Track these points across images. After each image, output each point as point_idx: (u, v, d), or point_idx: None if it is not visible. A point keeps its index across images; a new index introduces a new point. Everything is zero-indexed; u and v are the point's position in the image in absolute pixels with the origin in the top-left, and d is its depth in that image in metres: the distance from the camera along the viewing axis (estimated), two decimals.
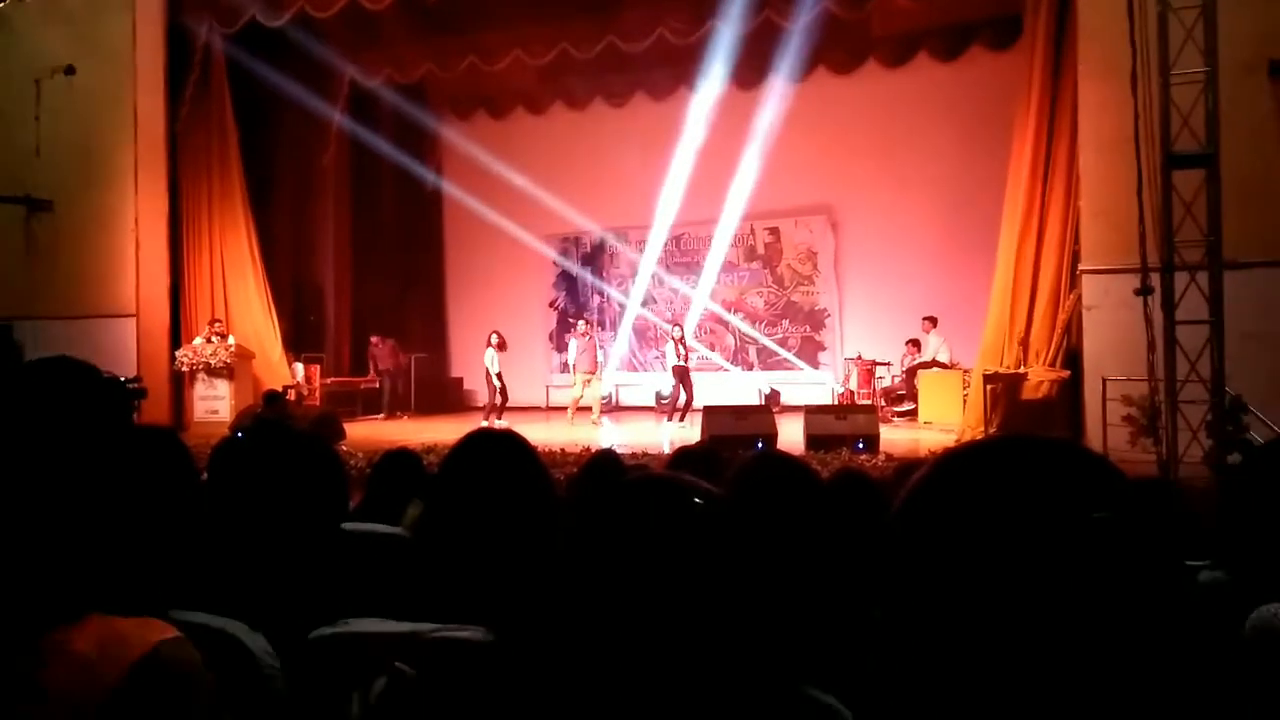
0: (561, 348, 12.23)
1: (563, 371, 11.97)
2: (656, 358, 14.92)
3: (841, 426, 8.37)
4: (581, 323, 12.38)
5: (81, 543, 1.05)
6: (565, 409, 11.89)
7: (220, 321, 11.34)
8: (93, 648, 0.94)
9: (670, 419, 11.62)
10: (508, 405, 12.01)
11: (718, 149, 13.99)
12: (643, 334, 15.15)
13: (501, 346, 12.06)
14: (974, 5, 11.81)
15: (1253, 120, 7.44)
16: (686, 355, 11.80)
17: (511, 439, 1.74)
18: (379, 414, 13.35)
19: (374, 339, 13.89)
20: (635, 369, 15.04)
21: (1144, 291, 7.35)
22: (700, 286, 14.83)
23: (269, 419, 8.56)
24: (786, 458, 2.19)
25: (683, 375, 11.63)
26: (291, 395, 11.70)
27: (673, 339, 11.82)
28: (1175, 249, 7.24)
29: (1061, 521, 0.71)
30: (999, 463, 0.77)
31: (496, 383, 11.86)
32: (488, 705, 0.82)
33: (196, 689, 0.99)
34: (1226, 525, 2.04)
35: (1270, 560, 1.79)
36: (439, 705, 0.88)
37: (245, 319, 12.03)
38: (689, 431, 10.29)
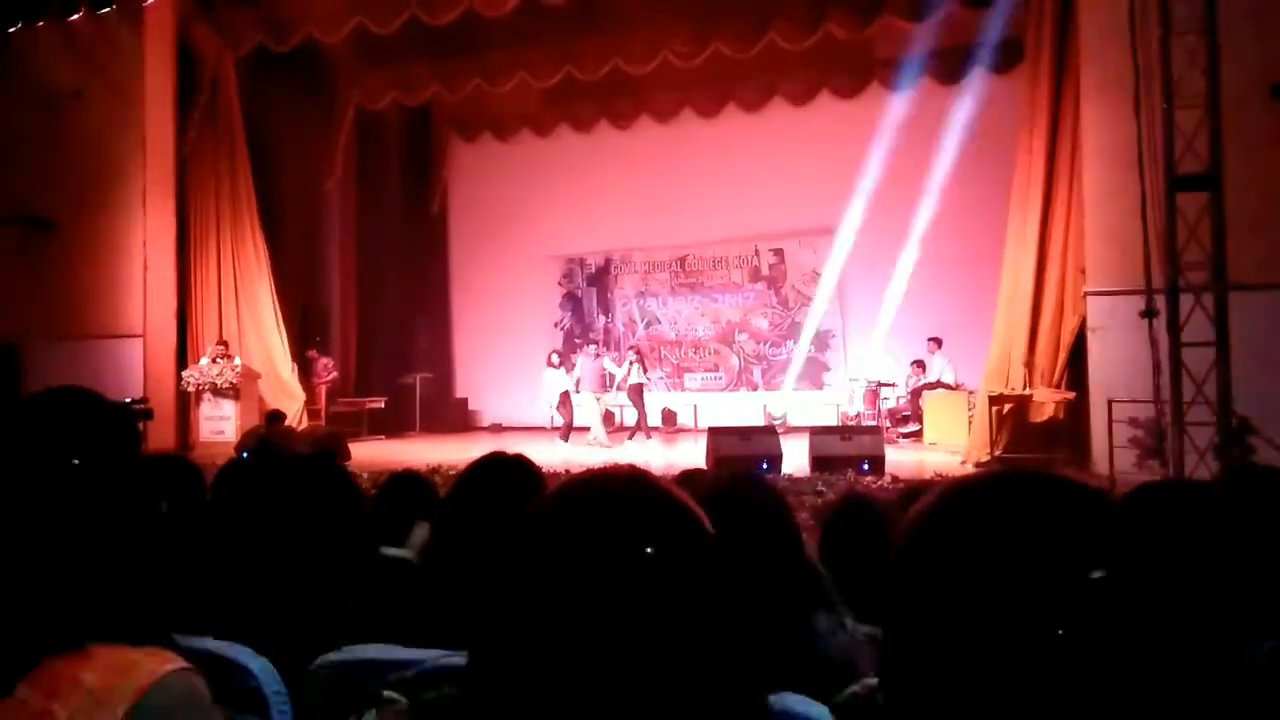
0: (569, 368, 12.26)
1: (575, 391, 11.99)
2: (661, 378, 14.96)
3: (847, 448, 8.34)
4: (592, 345, 12.44)
5: (89, 571, 1.05)
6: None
7: (225, 344, 11.36)
8: (100, 677, 0.94)
9: (632, 438, 11.77)
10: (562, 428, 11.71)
11: (722, 170, 14.07)
12: (647, 354, 15.15)
13: (562, 365, 11.99)
14: (976, 28, 11.88)
15: (1256, 142, 7.45)
16: (646, 373, 12.01)
17: (520, 463, 1.74)
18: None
19: (312, 352, 13.18)
20: (646, 389, 15.02)
21: (1149, 314, 7.36)
22: (704, 307, 14.91)
23: (273, 441, 8.57)
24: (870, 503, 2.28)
25: (637, 394, 11.80)
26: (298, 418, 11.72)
27: (629, 361, 11.97)
28: (1180, 271, 7.24)
29: (1066, 565, 0.71)
30: (1003, 501, 0.77)
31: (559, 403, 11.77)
32: None
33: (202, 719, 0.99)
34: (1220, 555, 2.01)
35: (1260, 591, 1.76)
36: None
37: (256, 339, 12.07)
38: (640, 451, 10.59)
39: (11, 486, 1.08)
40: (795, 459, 8.51)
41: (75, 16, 11.02)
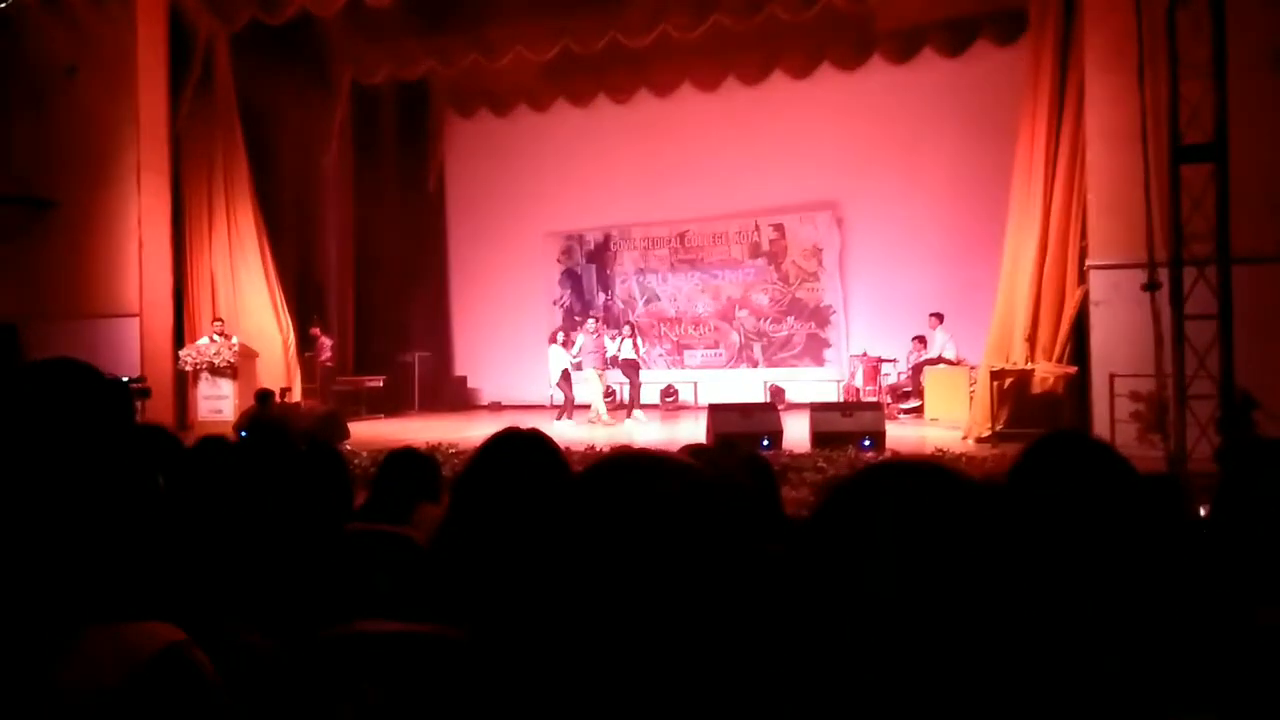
0: (569, 345, 12.27)
1: (575, 369, 12.01)
2: (661, 355, 14.95)
3: (847, 424, 8.34)
4: (591, 320, 12.42)
5: (86, 547, 1.04)
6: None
7: (222, 321, 11.32)
8: (100, 651, 0.94)
9: (631, 415, 11.88)
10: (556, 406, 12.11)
11: (722, 145, 13.98)
12: (647, 331, 15.13)
13: (565, 345, 12.15)
14: None
15: (1262, 113, 7.38)
16: (637, 350, 12.10)
17: (537, 439, 1.71)
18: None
19: (315, 330, 13.20)
20: (641, 366, 15.01)
21: (1152, 287, 7.34)
22: (705, 283, 14.89)
23: (271, 421, 8.55)
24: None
25: (631, 370, 11.86)
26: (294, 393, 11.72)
27: (622, 337, 12.04)
28: (1183, 244, 7.20)
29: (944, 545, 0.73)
30: (877, 492, 0.78)
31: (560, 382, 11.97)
32: (469, 706, 0.81)
33: (203, 692, 0.99)
34: (1222, 526, 1.99)
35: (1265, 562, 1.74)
36: (430, 708, 0.86)
37: (254, 317, 12.03)
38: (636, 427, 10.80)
39: (8, 461, 1.05)
40: (796, 435, 8.51)
41: None
